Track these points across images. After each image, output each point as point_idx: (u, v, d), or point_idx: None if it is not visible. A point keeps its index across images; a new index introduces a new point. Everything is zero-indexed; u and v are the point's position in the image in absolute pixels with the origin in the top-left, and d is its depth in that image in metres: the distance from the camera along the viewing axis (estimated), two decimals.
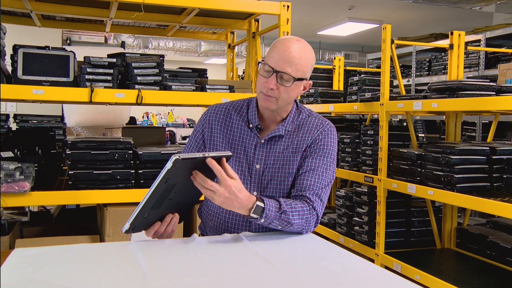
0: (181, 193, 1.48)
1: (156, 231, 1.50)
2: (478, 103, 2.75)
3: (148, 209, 1.43)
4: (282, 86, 1.58)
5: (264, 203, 1.48)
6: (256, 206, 1.46)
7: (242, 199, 1.43)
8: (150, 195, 1.37)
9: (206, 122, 1.73)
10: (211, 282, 1.17)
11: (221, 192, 1.39)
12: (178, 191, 1.45)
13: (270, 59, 1.59)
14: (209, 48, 9.22)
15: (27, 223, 3.19)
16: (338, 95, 4.76)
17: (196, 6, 2.90)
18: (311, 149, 1.66)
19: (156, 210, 1.46)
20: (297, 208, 1.54)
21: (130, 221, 1.42)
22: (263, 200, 1.49)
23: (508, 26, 5.23)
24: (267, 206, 1.48)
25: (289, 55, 1.56)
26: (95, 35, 5.99)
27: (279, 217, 1.50)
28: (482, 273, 3.02)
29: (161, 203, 1.45)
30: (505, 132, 5.21)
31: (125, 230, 1.43)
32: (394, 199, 3.55)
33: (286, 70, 1.56)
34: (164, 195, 1.42)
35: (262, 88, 1.60)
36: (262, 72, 1.61)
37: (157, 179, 1.34)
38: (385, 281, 1.22)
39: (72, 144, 2.69)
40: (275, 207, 1.50)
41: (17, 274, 1.19)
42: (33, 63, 2.60)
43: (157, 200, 1.42)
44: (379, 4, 7.13)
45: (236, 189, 1.41)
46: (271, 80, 1.57)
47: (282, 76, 1.57)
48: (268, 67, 1.58)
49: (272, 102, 1.61)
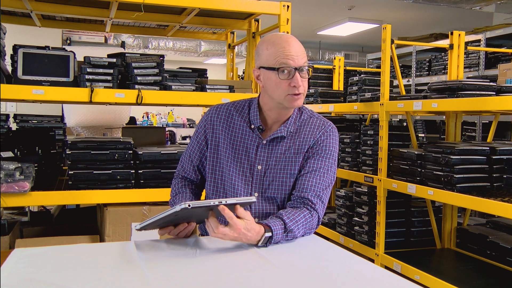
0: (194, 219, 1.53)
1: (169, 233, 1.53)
2: (478, 103, 2.75)
3: (161, 224, 1.47)
4: (303, 79, 1.60)
5: (271, 231, 1.47)
6: (263, 238, 1.45)
7: (251, 237, 1.43)
8: (159, 219, 1.40)
9: (208, 123, 1.73)
10: (211, 282, 1.17)
11: (230, 235, 1.40)
12: (190, 219, 1.50)
13: (284, 61, 1.56)
14: (209, 48, 9.22)
15: (27, 223, 3.19)
16: (338, 95, 4.76)
17: (196, 6, 2.90)
18: (313, 150, 1.66)
19: (170, 222, 1.50)
20: (301, 220, 1.54)
21: (143, 225, 1.44)
22: (270, 227, 1.47)
23: (508, 26, 5.23)
24: (274, 232, 1.47)
25: (297, 48, 1.58)
26: (95, 35, 5.99)
27: (285, 236, 1.51)
28: (482, 273, 3.02)
29: (175, 222, 1.50)
30: (505, 132, 5.20)
31: (136, 228, 1.47)
32: (394, 199, 3.55)
33: (304, 63, 1.59)
34: (176, 220, 1.46)
35: (290, 90, 1.58)
36: (282, 76, 1.57)
37: (165, 212, 1.36)
38: (385, 281, 1.22)
39: (72, 144, 2.69)
40: (281, 229, 1.49)
41: (17, 274, 1.19)
42: (33, 63, 2.60)
43: (167, 222, 1.46)
44: (379, 4, 7.13)
45: (245, 229, 1.41)
46: (296, 79, 1.57)
47: (302, 69, 1.59)
48: (289, 67, 1.57)
49: (302, 99, 1.63)
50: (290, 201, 1.65)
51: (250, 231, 1.42)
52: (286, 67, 1.56)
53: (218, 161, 1.70)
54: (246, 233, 1.41)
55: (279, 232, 1.48)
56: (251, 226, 1.43)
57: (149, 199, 2.75)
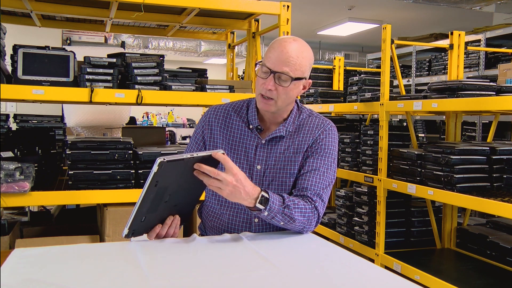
0: (177, 195, 1.47)
1: (157, 234, 1.49)
2: (478, 103, 2.75)
3: (144, 213, 1.41)
4: (281, 86, 1.57)
5: (268, 194, 1.48)
6: (261, 196, 1.46)
7: (249, 188, 1.44)
8: (142, 199, 1.36)
9: (206, 124, 1.73)
10: (211, 282, 1.17)
11: (229, 180, 1.39)
12: (172, 194, 1.44)
13: (267, 60, 1.58)
14: (209, 48, 9.22)
15: (27, 223, 3.19)
16: (338, 95, 4.76)
17: (196, 6, 2.90)
18: (312, 149, 1.66)
19: (154, 213, 1.45)
20: (300, 205, 1.54)
21: (128, 225, 1.41)
22: (267, 191, 1.50)
23: (508, 26, 5.23)
24: (271, 198, 1.48)
25: (286, 55, 1.55)
26: (95, 35, 5.99)
27: (282, 211, 1.50)
28: (482, 273, 3.02)
29: (157, 206, 1.43)
30: (505, 132, 5.20)
31: (125, 235, 1.43)
32: (394, 199, 3.55)
33: (284, 70, 1.55)
34: (157, 198, 1.40)
35: (261, 90, 1.59)
36: (260, 74, 1.60)
37: (146, 183, 1.33)
38: (385, 281, 1.22)
39: (72, 144, 2.69)
40: (279, 201, 1.50)
41: (17, 274, 1.19)
42: (33, 63, 2.60)
43: (152, 204, 1.40)
44: (379, 4, 7.13)
45: (242, 177, 1.42)
46: (269, 81, 1.56)
47: (280, 77, 1.56)
48: (266, 68, 1.57)
49: (271, 105, 1.60)
50: None
51: (246, 180, 1.43)
52: (265, 66, 1.57)
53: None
54: (244, 182, 1.42)
55: (276, 201, 1.49)
56: (245, 176, 1.44)
57: None
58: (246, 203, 1.46)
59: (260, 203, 1.46)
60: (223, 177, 1.39)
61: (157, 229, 1.48)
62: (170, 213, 1.51)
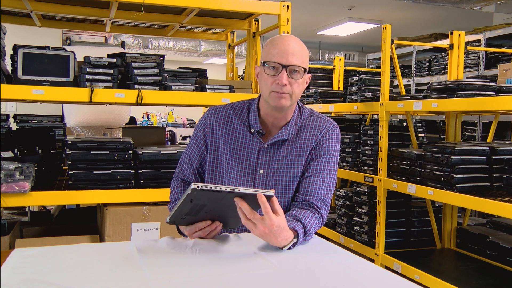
0: (218, 212, 1.45)
1: (199, 230, 1.48)
2: (478, 103, 2.75)
3: (184, 215, 1.43)
4: (293, 80, 1.55)
5: (298, 237, 1.44)
6: (290, 243, 1.43)
7: (282, 238, 1.39)
8: (179, 206, 1.37)
9: (208, 127, 1.68)
10: (211, 282, 1.17)
11: (261, 228, 1.35)
12: (211, 211, 1.43)
13: (273, 57, 1.54)
14: (209, 48, 9.23)
15: (27, 223, 3.19)
16: (338, 95, 4.76)
17: (196, 6, 2.90)
18: (316, 152, 1.64)
19: (194, 216, 1.45)
20: (314, 224, 1.54)
21: (170, 216, 1.43)
22: (297, 232, 1.45)
23: (508, 26, 5.23)
24: (299, 238, 1.46)
25: (293, 48, 1.54)
26: (95, 35, 5.99)
27: (304, 240, 1.50)
28: (482, 273, 3.02)
29: (197, 213, 1.43)
30: (505, 132, 5.20)
31: (167, 221, 1.46)
32: (394, 199, 3.56)
33: (296, 63, 1.53)
34: (195, 209, 1.40)
35: (274, 87, 1.55)
36: (268, 72, 1.55)
37: (181, 197, 1.34)
38: (385, 281, 1.22)
39: (72, 144, 2.69)
40: (302, 233, 1.48)
41: (17, 274, 1.19)
42: (33, 63, 2.60)
43: (190, 211, 1.40)
44: (379, 4, 7.13)
45: (278, 228, 1.36)
46: (282, 76, 1.53)
47: (293, 70, 1.54)
48: (275, 63, 1.54)
49: (287, 99, 1.56)
50: (295, 202, 1.64)
51: (282, 231, 1.37)
52: (273, 62, 1.54)
53: (218, 166, 1.67)
54: (278, 233, 1.36)
55: (301, 237, 1.47)
56: (284, 225, 1.38)
57: (149, 199, 2.75)
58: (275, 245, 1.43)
59: (287, 246, 1.43)
60: (258, 225, 1.35)
61: (201, 225, 1.47)
62: (213, 220, 1.49)
